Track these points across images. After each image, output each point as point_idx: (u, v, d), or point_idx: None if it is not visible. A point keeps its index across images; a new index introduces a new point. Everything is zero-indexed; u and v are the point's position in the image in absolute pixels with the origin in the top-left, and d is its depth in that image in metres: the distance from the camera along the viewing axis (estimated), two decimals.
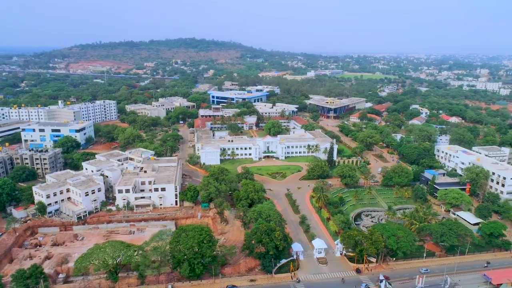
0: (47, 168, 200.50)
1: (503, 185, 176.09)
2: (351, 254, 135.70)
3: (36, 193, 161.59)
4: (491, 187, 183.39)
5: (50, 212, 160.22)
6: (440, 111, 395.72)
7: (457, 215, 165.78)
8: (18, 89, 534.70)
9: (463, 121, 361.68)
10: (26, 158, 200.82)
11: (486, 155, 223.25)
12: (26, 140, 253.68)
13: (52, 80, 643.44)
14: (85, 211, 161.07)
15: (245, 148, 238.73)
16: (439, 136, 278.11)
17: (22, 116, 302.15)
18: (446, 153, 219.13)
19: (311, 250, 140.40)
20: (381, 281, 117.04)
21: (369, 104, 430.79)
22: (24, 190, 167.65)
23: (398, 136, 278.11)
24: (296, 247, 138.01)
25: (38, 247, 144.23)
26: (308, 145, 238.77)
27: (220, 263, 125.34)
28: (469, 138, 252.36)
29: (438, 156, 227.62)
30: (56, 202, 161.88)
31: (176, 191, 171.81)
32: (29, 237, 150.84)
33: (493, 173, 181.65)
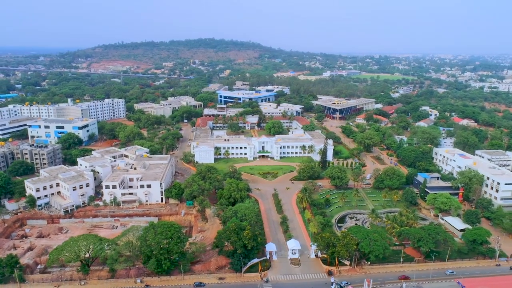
0: (45, 163, 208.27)
1: (497, 191, 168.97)
2: (326, 256, 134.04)
3: (27, 187, 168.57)
4: (485, 192, 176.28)
5: (40, 205, 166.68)
6: (453, 113, 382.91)
7: (445, 220, 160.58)
8: (38, 87, 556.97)
9: (476, 123, 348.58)
10: (26, 153, 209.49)
11: (488, 159, 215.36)
12: (32, 136, 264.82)
13: (72, 79, 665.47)
14: (73, 205, 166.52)
15: (240, 148, 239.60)
16: (443, 138, 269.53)
17: (33, 113, 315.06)
18: (444, 156, 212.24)
19: (286, 250, 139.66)
20: (332, 283, 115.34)
21: (379, 105, 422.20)
22: (18, 184, 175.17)
23: (401, 138, 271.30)
24: (270, 247, 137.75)
25: (24, 238, 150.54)
26: (303, 146, 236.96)
27: (190, 260, 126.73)
28: (473, 142, 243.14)
29: (436, 159, 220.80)
30: (46, 195, 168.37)
31: (162, 188, 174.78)
32: (17, 228, 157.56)
33: (488, 178, 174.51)
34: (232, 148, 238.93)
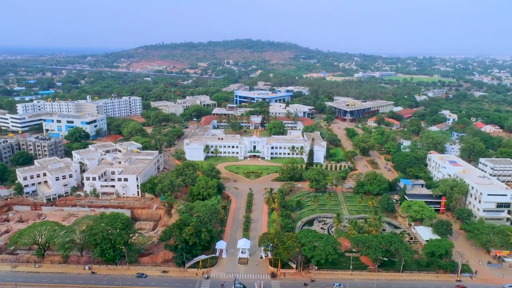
0: (46, 155, 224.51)
1: (479, 201, 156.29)
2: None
3: (17, 175, 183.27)
4: (470, 202, 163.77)
5: (27, 193, 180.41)
6: (478, 118, 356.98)
7: (416, 230, 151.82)
8: (75, 85, 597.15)
9: (501, 129, 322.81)
10: (30, 145, 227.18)
11: (491, 168, 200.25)
12: (47, 130, 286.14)
13: (108, 78, 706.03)
14: (55, 194, 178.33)
15: (232, 147, 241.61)
16: (451, 144, 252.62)
17: (55, 108, 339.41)
18: (436, 163, 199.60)
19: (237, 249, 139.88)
20: (233, 284, 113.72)
21: (399, 108, 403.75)
22: (13, 172, 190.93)
23: (407, 143, 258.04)
24: (220, 244, 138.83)
25: (6, 222, 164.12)
26: (292, 147, 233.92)
27: (136, 252, 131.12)
28: (480, 149, 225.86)
29: (430, 165, 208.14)
30: (33, 184, 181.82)
31: (138, 182, 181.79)
32: (4, 213, 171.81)
33: (472, 188, 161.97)
34: (224, 147, 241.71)
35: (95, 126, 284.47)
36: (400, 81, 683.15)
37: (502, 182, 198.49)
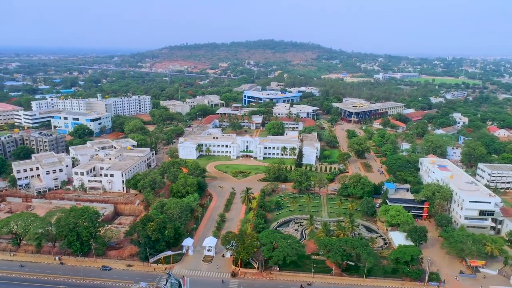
0: (47, 150, 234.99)
1: (462, 208, 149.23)
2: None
3: (13, 168, 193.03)
4: (453, 209, 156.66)
5: (21, 185, 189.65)
6: (494, 122, 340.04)
7: (391, 236, 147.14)
8: (96, 84, 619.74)
9: None
10: (33, 140, 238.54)
11: (489, 174, 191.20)
12: (55, 126, 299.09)
13: (129, 78, 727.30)
14: (45, 187, 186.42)
15: (226, 146, 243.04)
16: (453, 148, 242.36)
17: (66, 106, 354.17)
18: (427, 167, 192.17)
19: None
20: (166, 280, 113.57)
21: (411, 110, 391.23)
22: (11, 166, 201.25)
23: (407, 146, 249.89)
24: (187, 241, 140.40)
25: None
26: (284, 147, 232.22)
27: (103, 245, 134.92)
28: (480, 153, 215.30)
29: (421, 169, 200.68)
30: (26, 177, 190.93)
31: (123, 178, 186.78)
32: None
33: (456, 194, 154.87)
34: (217, 146, 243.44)
35: (99, 123, 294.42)
36: (421, 83, 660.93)
37: (501, 189, 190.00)
